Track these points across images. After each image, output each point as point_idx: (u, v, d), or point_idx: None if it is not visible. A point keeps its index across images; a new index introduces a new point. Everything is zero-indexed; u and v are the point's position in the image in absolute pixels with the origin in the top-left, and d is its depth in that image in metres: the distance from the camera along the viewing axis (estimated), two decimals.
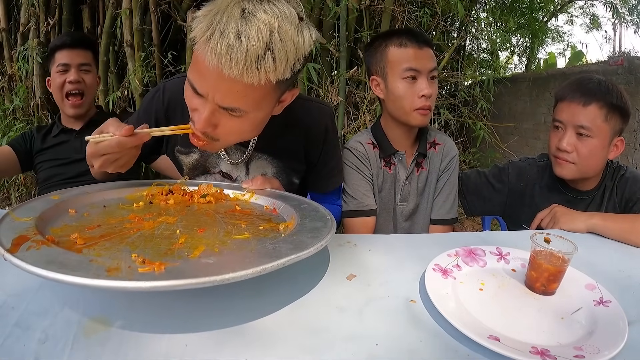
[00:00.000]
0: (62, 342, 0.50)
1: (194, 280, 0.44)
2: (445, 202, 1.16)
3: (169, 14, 2.83)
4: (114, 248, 0.56)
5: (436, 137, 1.18)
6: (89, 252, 0.54)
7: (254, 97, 0.67)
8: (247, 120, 0.71)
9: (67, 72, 1.37)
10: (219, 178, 0.99)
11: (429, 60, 1.05)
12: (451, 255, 0.73)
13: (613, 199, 1.10)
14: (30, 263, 0.46)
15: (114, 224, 0.66)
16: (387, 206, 1.17)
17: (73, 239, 0.58)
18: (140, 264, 0.50)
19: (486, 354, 0.50)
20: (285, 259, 0.50)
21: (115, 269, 0.47)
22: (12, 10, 3.24)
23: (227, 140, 0.77)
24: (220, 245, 0.59)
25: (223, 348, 0.50)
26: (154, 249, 0.57)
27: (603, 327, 0.55)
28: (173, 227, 0.66)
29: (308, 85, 2.53)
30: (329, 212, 0.72)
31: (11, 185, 3.17)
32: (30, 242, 0.52)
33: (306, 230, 0.63)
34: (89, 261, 0.49)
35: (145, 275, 0.46)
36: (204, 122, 0.69)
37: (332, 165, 1.03)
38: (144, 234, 0.63)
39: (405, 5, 2.62)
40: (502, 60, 5.60)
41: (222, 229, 0.67)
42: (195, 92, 0.69)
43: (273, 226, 0.69)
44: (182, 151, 0.97)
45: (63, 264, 0.47)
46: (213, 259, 0.52)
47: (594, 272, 0.69)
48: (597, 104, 1.01)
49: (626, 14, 5.86)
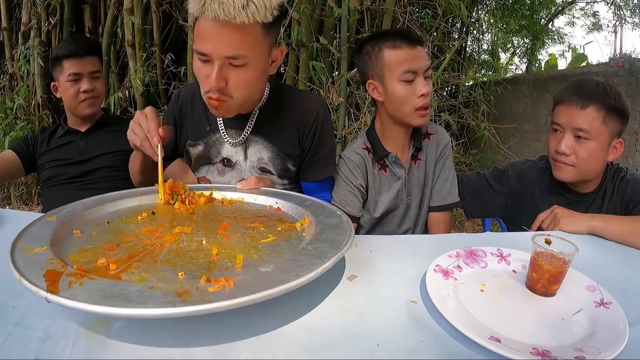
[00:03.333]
0: (63, 342, 0.50)
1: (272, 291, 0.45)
2: (442, 187, 1.18)
3: (170, 14, 2.84)
4: (152, 269, 0.54)
5: (428, 128, 1.19)
6: (130, 277, 0.52)
7: (249, 42, 0.81)
8: (250, 70, 0.84)
9: (79, 81, 1.38)
10: (221, 167, 1.07)
11: (423, 60, 1.05)
12: (452, 256, 0.73)
13: (614, 201, 1.09)
14: (87, 302, 0.43)
15: (132, 240, 0.65)
16: (391, 204, 1.17)
17: (102, 265, 0.55)
18: (206, 282, 0.49)
19: (487, 355, 0.50)
20: (334, 258, 0.52)
21: (185, 292, 0.46)
22: (14, 9, 3.24)
23: (240, 95, 0.87)
24: (255, 251, 0.60)
25: (223, 348, 0.50)
26: (193, 264, 0.56)
27: (604, 328, 0.55)
28: (195, 237, 0.66)
29: (309, 85, 2.53)
30: (335, 207, 0.78)
31: (11, 185, 3.17)
32: (66, 277, 0.49)
33: (328, 228, 0.66)
34: (149, 288, 0.47)
35: (219, 294, 0.46)
36: (216, 77, 0.81)
37: (326, 152, 1.07)
38: (171, 249, 0.62)
39: (407, 6, 2.62)
40: (503, 61, 5.60)
41: (244, 233, 0.67)
42: (202, 58, 0.83)
43: (290, 226, 0.71)
44: (191, 144, 1.07)
45: (124, 296, 0.45)
46: (269, 266, 0.53)
47: (595, 273, 0.69)
48: (594, 106, 1.01)
49: (627, 15, 5.87)
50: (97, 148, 1.42)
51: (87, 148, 1.42)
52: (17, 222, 0.82)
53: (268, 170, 1.06)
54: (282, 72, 2.76)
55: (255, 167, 1.05)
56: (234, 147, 1.04)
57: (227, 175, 1.07)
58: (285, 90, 1.07)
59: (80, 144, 1.42)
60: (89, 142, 1.42)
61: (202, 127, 1.04)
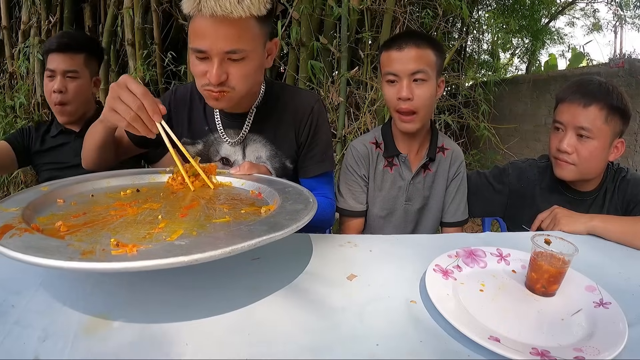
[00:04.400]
0: (62, 341, 0.50)
1: (162, 261, 0.44)
2: (459, 206, 1.19)
3: (170, 13, 2.83)
4: (96, 234, 0.57)
5: (444, 142, 1.19)
6: (71, 238, 0.55)
7: (246, 36, 0.82)
8: (249, 63, 0.85)
9: (53, 79, 1.29)
10: (220, 166, 1.05)
11: (409, 62, 1.02)
12: (452, 256, 0.73)
13: (614, 201, 1.09)
14: (11, 249, 0.47)
15: (99, 211, 0.67)
16: (389, 205, 1.18)
17: (57, 226, 0.59)
18: (114, 247, 0.50)
19: (486, 355, 0.50)
20: (257, 240, 0.50)
21: (90, 252, 0.48)
22: (14, 8, 3.24)
23: (241, 87, 0.87)
24: (198, 228, 0.59)
25: (223, 347, 0.50)
26: (133, 234, 0.57)
27: (603, 328, 0.55)
28: (156, 212, 0.67)
29: (309, 85, 2.53)
30: (312, 195, 0.73)
31: (11, 183, 3.16)
32: (14, 230, 0.54)
33: (285, 213, 0.63)
34: (66, 245, 0.50)
35: (117, 257, 0.47)
36: (217, 72, 0.82)
37: (322, 148, 1.06)
38: (126, 220, 0.63)
39: (407, 6, 2.62)
40: (503, 61, 5.60)
41: (204, 213, 0.67)
42: (200, 56, 0.83)
43: (255, 210, 0.69)
44: (188, 142, 1.06)
45: (41, 248, 0.48)
46: (186, 241, 0.53)
47: (594, 273, 0.69)
48: (597, 105, 1.01)
49: (627, 16, 5.87)
50: None
51: None
52: None
53: None
54: (282, 71, 2.76)
55: None
56: (233, 147, 1.04)
57: None
58: (280, 88, 1.07)
59: (75, 145, 1.32)
60: None
61: (201, 127, 1.05)
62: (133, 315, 0.55)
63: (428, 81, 1.04)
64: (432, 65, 1.04)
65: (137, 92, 0.76)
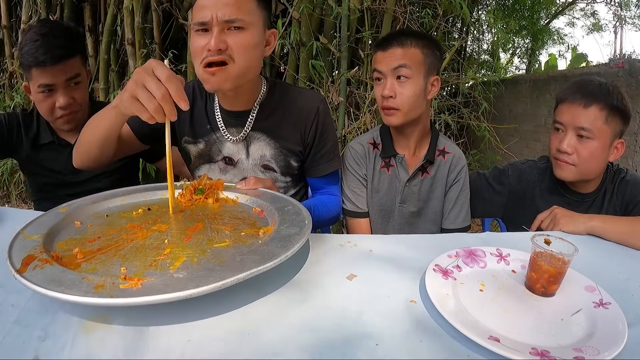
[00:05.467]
0: (62, 340, 0.50)
1: (161, 297, 0.48)
2: (459, 213, 1.17)
3: (170, 13, 2.83)
4: (108, 262, 0.60)
5: (446, 145, 1.17)
6: (87, 266, 0.58)
7: (245, 7, 0.85)
8: (249, 34, 0.86)
9: (54, 93, 1.14)
10: (222, 166, 1.07)
11: (392, 61, 1.03)
12: (451, 256, 0.73)
13: (614, 202, 1.09)
14: (34, 282, 0.51)
15: (112, 234, 0.70)
16: (386, 207, 1.18)
17: (74, 253, 0.62)
18: (122, 280, 0.53)
19: (486, 355, 0.50)
20: (246, 273, 0.53)
21: (101, 285, 0.51)
22: (14, 7, 3.24)
23: (240, 58, 0.87)
24: (200, 254, 0.62)
25: (223, 347, 0.50)
26: (141, 260, 0.60)
27: (602, 328, 0.56)
28: (163, 236, 0.69)
29: (309, 84, 2.53)
30: (309, 216, 0.74)
31: (11, 183, 3.16)
32: (36, 262, 0.57)
33: (279, 239, 0.65)
34: (81, 279, 0.53)
35: (124, 291, 0.50)
36: (216, 39, 0.83)
37: (330, 147, 1.08)
38: (136, 244, 0.66)
39: (407, 6, 2.62)
40: (503, 61, 5.60)
41: (206, 236, 0.69)
42: (201, 28, 0.85)
43: (254, 231, 0.71)
44: (190, 141, 1.06)
45: (60, 282, 0.52)
46: (184, 272, 0.55)
47: (594, 274, 0.69)
48: (597, 105, 1.01)
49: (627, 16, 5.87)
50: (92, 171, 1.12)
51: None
52: (17, 220, 0.82)
53: (271, 168, 1.06)
54: (282, 71, 2.76)
55: (258, 165, 1.05)
56: (235, 145, 1.04)
57: (230, 173, 1.07)
58: (283, 87, 1.07)
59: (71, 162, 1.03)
60: None
61: (203, 126, 1.04)
62: (133, 315, 0.55)
63: (411, 79, 1.04)
64: (418, 63, 1.04)
65: (163, 77, 0.67)
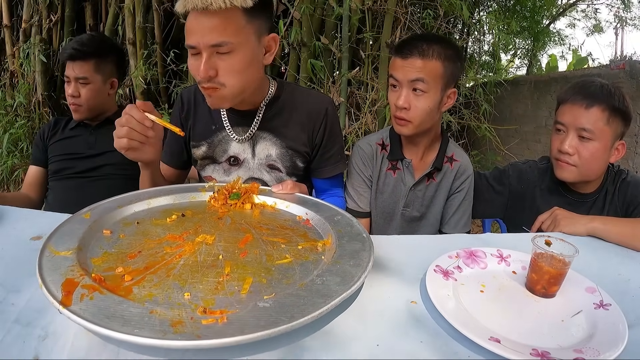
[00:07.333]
0: (62, 340, 0.50)
1: (262, 333, 0.45)
2: (460, 219, 1.17)
3: (171, 12, 2.83)
4: (163, 284, 0.56)
5: (454, 153, 1.15)
6: (140, 291, 0.54)
7: (231, 28, 0.82)
8: (237, 56, 0.85)
9: (69, 84, 1.38)
10: (226, 166, 1.07)
11: (410, 71, 1.00)
12: (452, 256, 0.73)
13: (615, 203, 1.09)
14: (90, 320, 0.45)
15: (154, 247, 0.66)
16: (389, 209, 1.17)
17: (119, 274, 0.57)
18: (202, 314, 0.49)
19: (486, 356, 0.50)
20: (338, 299, 0.51)
21: (179, 322, 0.47)
22: (15, 6, 3.24)
23: (231, 82, 0.87)
24: (266, 274, 0.60)
25: (223, 348, 0.50)
26: (203, 283, 0.57)
27: (603, 330, 0.56)
28: (214, 250, 0.66)
29: (310, 85, 2.53)
30: (363, 228, 0.74)
31: (12, 182, 3.16)
32: (80, 289, 0.52)
33: (347, 255, 0.64)
34: (149, 312, 0.48)
35: (210, 328, 0.46)
36: (205, 66, 0.83)
37: (337, 149, 1.08)
38: (187, 261, 0.62)
39: (408, 7, 2.62)
40: (504, 62, 5.60)
41: (263, 250, 0.67)
42: (193, 52, 0.85)
43: (311, 244, 0.70)
44: (194, 145, 1.08)
45: (124, 318, 0.47)
46: (269, 302, 0.52)
47: (595, 275, 0.69)
48: (599, 106, 1.01)
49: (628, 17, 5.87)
50: (106, 144, 1.35)
51: (96, 143, 1.41)
52: (17, 219, 0.82)
53: (277, 168, 1.05)
54: (282, 71, 2.76)
55: (263, 165, 1.05)
56: (241, 144, 1.04)
57: (234, 174, 1.06)
58: (291, 87, 1.07)
59: (90, 139, 1.42)
60: (99, 137, 1.42)
61: (207, 127, 1.04)
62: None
63: (428, 93, 1.00)
64: (437, 76, 1.00)
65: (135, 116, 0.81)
